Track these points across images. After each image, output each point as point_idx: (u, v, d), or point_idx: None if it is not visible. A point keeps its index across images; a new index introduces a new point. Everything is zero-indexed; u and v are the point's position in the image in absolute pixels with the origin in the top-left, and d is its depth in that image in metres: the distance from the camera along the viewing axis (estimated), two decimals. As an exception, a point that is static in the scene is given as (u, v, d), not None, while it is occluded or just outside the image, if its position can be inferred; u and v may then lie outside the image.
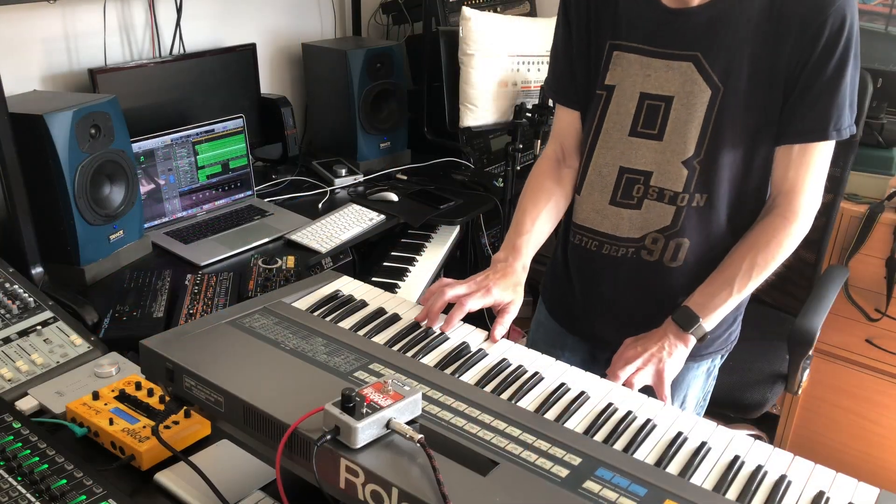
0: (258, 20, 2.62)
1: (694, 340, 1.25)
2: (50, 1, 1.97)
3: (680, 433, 0.91)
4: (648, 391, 1.18)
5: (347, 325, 1.11)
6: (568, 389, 1.00)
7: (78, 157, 1.74)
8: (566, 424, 0.92)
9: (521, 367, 1.04)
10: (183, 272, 1.84)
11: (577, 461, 0.83)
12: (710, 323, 1.26)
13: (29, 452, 1.05)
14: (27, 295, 1.45)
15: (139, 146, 2.05)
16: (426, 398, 0.91)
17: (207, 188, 2.26)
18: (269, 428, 0.86)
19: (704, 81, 1.23)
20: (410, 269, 2.18)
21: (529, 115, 2.47)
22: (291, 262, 1.90)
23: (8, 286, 1.46)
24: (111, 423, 1.13)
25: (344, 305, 1.16)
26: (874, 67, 2.23)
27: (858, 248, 2.24)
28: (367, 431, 0.80)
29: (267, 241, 2.09)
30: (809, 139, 1.22)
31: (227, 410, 0.90)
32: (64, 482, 1.00)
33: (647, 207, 1.31)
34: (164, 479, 1.08)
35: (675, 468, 0.86)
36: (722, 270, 1.28)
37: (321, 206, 2.37)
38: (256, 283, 1.80)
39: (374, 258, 2.26)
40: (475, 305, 1.20)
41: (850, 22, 1.16)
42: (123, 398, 1.20)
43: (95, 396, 1.19)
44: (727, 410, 1.94)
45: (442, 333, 1.12)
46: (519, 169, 2.46)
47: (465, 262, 2.73)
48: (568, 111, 1.42)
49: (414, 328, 1.12)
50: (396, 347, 1.07)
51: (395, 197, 2.39)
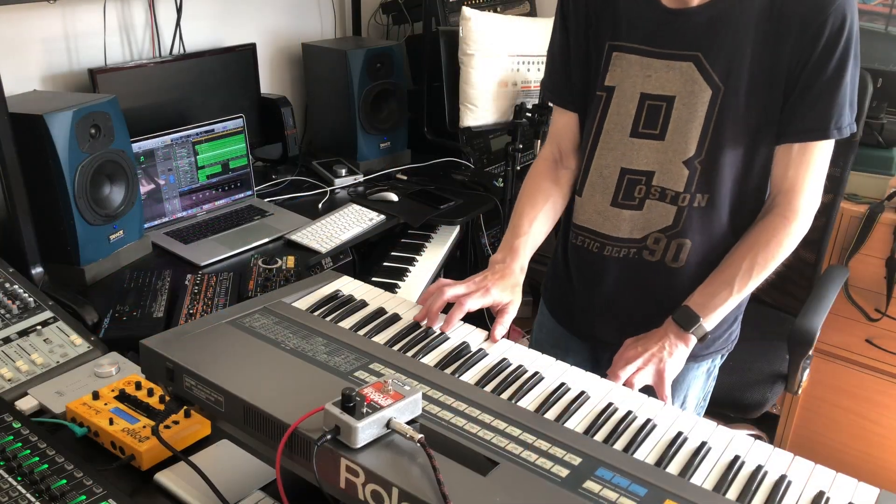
0: (258, 20, 2.62)
1: (694, 340, 1.25)
2: (50, 1, 1.97)
3: (680, 433, 0.91)
4: (649, 391, 1.18)
5: (347, 324, 1.11)
6: (568, 389, 1.00)
7: (78, 157, 1.74)
8: (566, 424, 0.92)
9: (521, 366, 1.04)
10: (183, 272, 1.84)
11: (577, 461, 0.83)
12: (710, 323, 1.26)
13: (29, 452, 1.05)
14: (27, 295, 1.45)
15: (139, 146, 2.05)
16: (426, 398, 0.91)
17: (207, 188, 2.26)
18: (269, 428, 0.86)
19: (705, 81, 1.23)
20: (410, 269, 2.18)
21: (529, 115, 2.47)
22: (291, 262, 1.90)
23: (8, 286, 1.46)
24: (111, 423, 1.13)
25: (344, 305, 1.16)
26: (874, 67, 2.23)
27: (858, 248, 2.24)
28: (367, 431, 0.80)
29: (267, 241, 2.09)
30: (810, 138, 1.22)
31: (227, 410, 0.90)
32: (64, 482, 1.00)
33: (648, 208, 1.31)
34: (164, 479, 1.08)
35: (675, 468, 0.86)
36: (722, 270, 1.28)
37: (321, 206, 2.37)
38: (256, 283, 1.80)
39: (374, 258, 2.26)
40: (474, 305, 1.20)
41: (850, 21, 1.16)
42: (123, 398, 1.20)
43: (95, 396, 1.19)
44: (727, 410, 1.94)
45: (442, 333, 1.12)
46: (519, 169, 2.46)
47: (465, 262, 2.73)
48: (565, 112, 1.42)
49: (414, 328, 1.12)
50: (396, 347, 1.07)
51: (395, 197, 2.39)
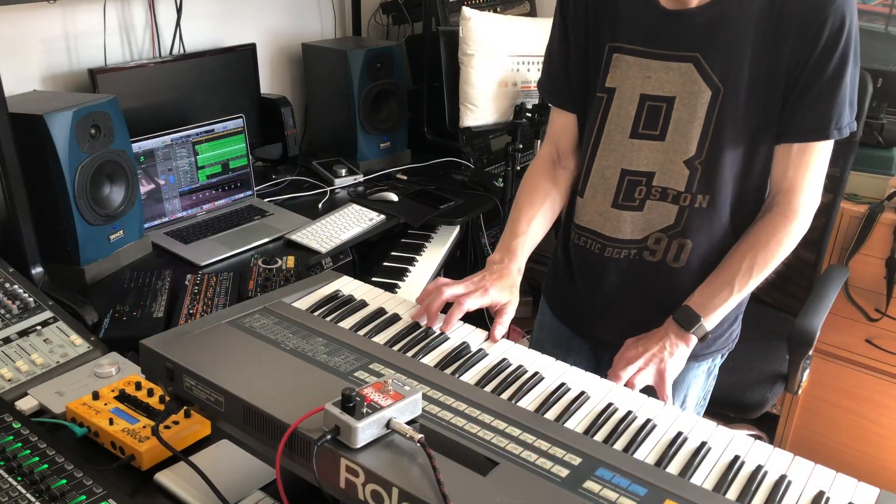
0: (258, 20, 2.62)
1: (695, 340, 1.25)
2: (50, 1, 1.97)
3: (680, 433, 0.91)
4: (649, 391, 1.18)
5: (347, 325, 1.11)
6: (568, 389, 1.00)
7: (78, 157, 1.74)
8: (566, 424, 0.92)
9: (521, 367, 1.04)
10: (183, 272, 1.84)
11: (577, 461, 0.83)
12: (710, 322, 1.26)
13: (29, 452, 1.05)
14: (27, 295, 1.45)
15: (139, 146, 2.05)
16: (426, 398, 0.91)
17: (207, 188, 2.26)
18: (269, 428, 0.86)
19: (704, 82, 1.23)
20: (410, 269, 2.18)
21: (529, 115, 2.47)
22: (291, 262, 1.90)
23: (8, 286, 1.46)
24: (111, 423, 1.13)
25: (344, 305, 1.16)
26: (874, 67, 2.23)
27: (858, 248, 2.24)
28: (367, 431, 0.80)
29: (267, 241, 2.09)
30: (810, 138, 1.23)
31: (227, 410, 0.90)
32: (64, 482, 1.00)
33: (649, 208, 1.31)
34: (164, 479, 1.08)
35: (675, 468, 0.86)
36: (722, 270, 1.28)
37: (321, 206, 2.37)
38: (256, 283, 1.80)
39: (374, 258, 2.26)
40: (473, 305, 1.20)
41: (849, 21, 1.16)
42: (123, 398, 1.20)
43: (95, 396, 1.19)
44: (727, 410, 1.94)
45: (442, 333, 1.12)
46: (519, 169, 2.46)
47: (465, 262, 2.73)
48: (563, 113, 1.42)
49: (414, 328, 1.12)
50: (396, 347, 1.07)
51: (395, 197, 2.39)
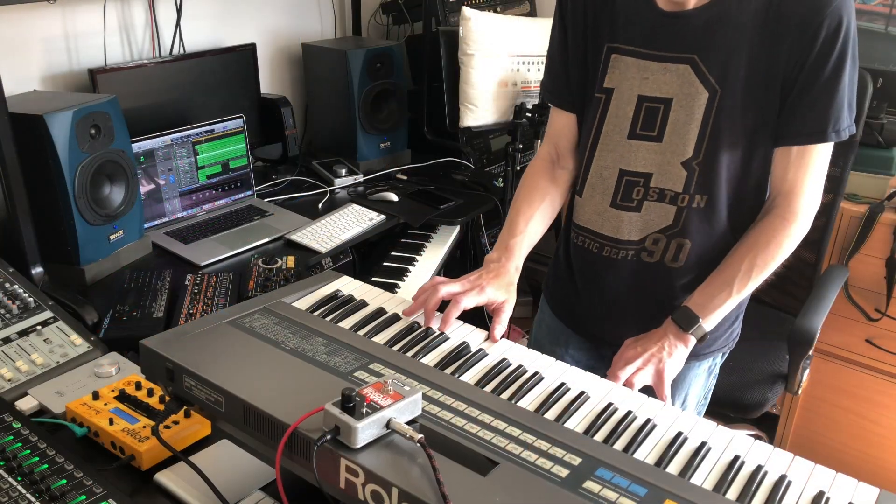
0: (258, 20, 2.62)
1: (694, 341, 1.25)
2: (50, 1, 1.97)
3: (680, 433, 0.91)
4: (649, 391, 1.18)
5: (347, 325, 1.11)
6: (568, 389, 1.00)
7: (78, 157, 1.74)
8: (566, 424, 0.92)
9: (521, 366, 1.04)
10: (183, 272, 1.84)
11: (577, 461, 0.83)
12: (709, 323, 1.26)
13: (29, 452, 1.05)
14: (27, 295, 1.45)
15: (139, 146, 2.05)
16: (426, 398, 0.91)
17: (207, 188, 2.26)
18: (269, 428, 0.86)
19: (701, 84, 1.23)
20: (410, 269, 2.18)
21: (529, 115, 2.47)
22: (291, 262, 1.90)
23: (8, 286, 1.46)
24: (111, 423, 1.13)
25: (344, 305, 1.16)
26: (874, 67, 2.23)
27: (858, 248, 2.24)
28: (367, 431, 0.80)
29: (267, 241, 2.09)
30: (808, 141, 1.22)
31: (227, 410, 0.90)
32: (64, 482, 1.00)
33: (646, 209, 1.31)
34: (164, 479, 1.08)
35: (675, 468, 0.86)
36: (721, 271, 1.28)
37: (321, 206, 2.37)
38: (256, 283, 1.80)
39: (374, 258, 2.26)
40: (470, 303, 1.20)
41: (846, 22, 1.16)
42: (123, 398, 1.20)
43: (95, 396, 1.19)
44: (727, 410, 1.94)
45: (442, 333, 1.12)
46: (519, 169, 2.46)
47: (465, 262, 2.73)
48: (563, 113, 1.43)
49: (414, 328, 1.12)
50: (396, 347, 1.07)
51: (395, 197, 2.39)
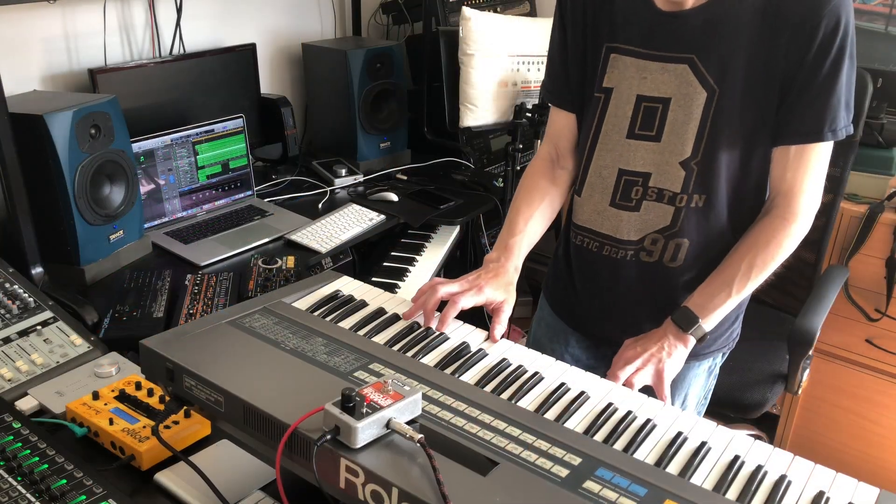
0: (258, 20, 2.62)
1: (693, 341, 1.25)
2: (50, 1, 1.97)
3: (680, 433, 0.91)
4: (649, 391, 1.18)
5: (347, 325, 1.11)
6: (568, 389, 1.00)
7: (78, 157, 1.74)
8: (566, 424, 0.92)
9: (521, 367, 1.04)
10: (183, 272, 1.84)
11: (577, 461, 0.83)
12: (709, 323, 1.26)
13: (29, 452, 1.05)
14: (27, 295, 1.45)
15: (139, 146, 2.05)
16: (426, 398, 0.91)
17: (207, 188, 2.26)
18: (269, 428, 0.86)
19: (700, 84, 1.23)
20: (410, 269, 2.18)
21: (529, 115, 2.48)
22: (291, 262, 1.90)
23: (8, 286, 1.46)
24: (111, 423, 1.13)
25: (344, 305, 1.16)
26: (874, 67, 2.23)
27: (858, 248, 2.24)
28: (367, 431, 0.80)
29: (267, 241, 2.09)
30: (805, 140, 1.22)
31: (227, 410, 0.90)
32: (64, 482, 1.00)
33: (645, 209, 1.31)
34: (164, 479, 1.08)
35: (675, 468, 0.86)
36: (721, 271, 1.28)
37: (321, 206, 2.37)
38: (256, 283, 1.80)
39: (374, 258, 2.26)
40: (468, 303, 1.20)
41: (844, 22, 1.16)
42: (123, 398, 1.20)
43: (95, 396, 1.19)
44: (727, 410, 1.94)
45: (441, 333, 1.12)
46: (519, 169, 2.46)
47: (465, 262, 2.73)
48: (563, 113, 1.43)
49: (414, 328, 1.13)
50: (396, 347, 1.07)
51: (395, 197, 2.39)
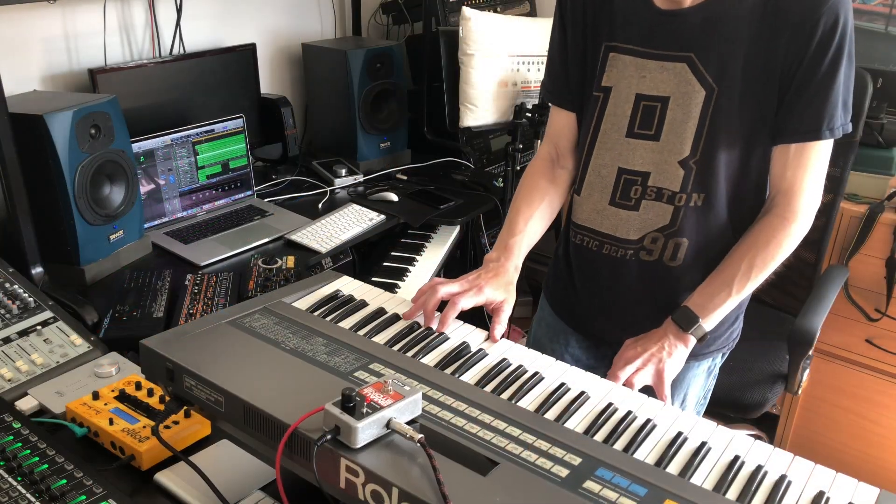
0: (258, 20, 2.62)
1: (694, 341, 1.25)
2: (50, 1, 1.97)
3: (680, 433, 0.91)
4: (649, 391, 1.18)
5: (347, 325, 1.11)
6: (568, 389, 1.00)
7: (78, 157, 1.74)
8: (566, 424, 0.92)
9: (521, 367, 1.04)
10: (183, 272, 1.84)
11: (577, 461, 0.83)
12: (709, 323, 1.26)
13: (29, 452, 1.05)
14: (27, 295, 1.45)
15: (139, 146, 2.05)
16: (426, 398, 0.91)
17: (207, 188, 2.26)
18: (269, 428, 0.86)
19: (698, 82, 1.23)
20: (410, 269, 2.18)
21: (529, 115, 2.48)
22: (291, 262, 1.90)
23: (8, 286, 1.46)
24: (111, 423, 1.13)
25: (344, 305, 1.16)
26: (874, 67, 2.23)
27: (858, 248, 2.24)
28: (367, 431, 0.80)
29: (267, 241, 2.09)
30: (803, 139, 1.23)
31: (227, 410, 0.90)
32: (64, 482, 1.00)
33: (644, 208, 1.31)
34: (164, 479, 1.08)
35: (675, 468, 0.86)
36: (721, 271, 1.28)
37: (321, 206, 2.37)
38: (256, 283, 1.80)
39: (374, 258, 2.26)
40: (468, 304, 1.20)
41: (843, 21, 1.16)
42: (123, 398, 1.20)
43: (95, 396, 1.19)
44: (727, 410, 1.94)
45: (441, 334, 1.12)
46: (519, 169, 2.46)
47: (465, 262, 2.73)
48: (563, 112, 1.43)
49: (414, 328, 1.13)
50: (396, 347, 1.07)
51: (395, 197, 2.39)
